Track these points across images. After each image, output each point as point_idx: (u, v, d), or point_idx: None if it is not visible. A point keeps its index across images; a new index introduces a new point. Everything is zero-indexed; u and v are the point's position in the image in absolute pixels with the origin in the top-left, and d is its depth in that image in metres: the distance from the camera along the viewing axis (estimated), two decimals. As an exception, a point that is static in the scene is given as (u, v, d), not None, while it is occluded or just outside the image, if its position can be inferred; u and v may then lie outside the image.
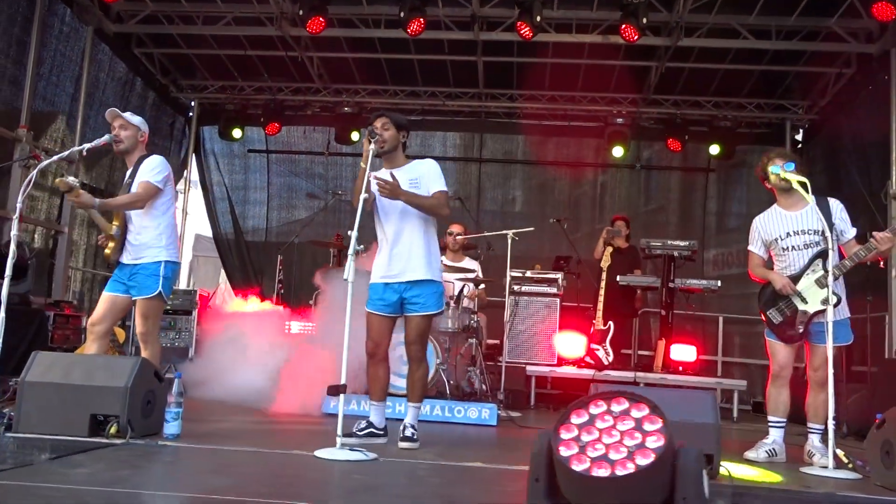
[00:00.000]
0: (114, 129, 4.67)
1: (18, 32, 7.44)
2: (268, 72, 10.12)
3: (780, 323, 4.60)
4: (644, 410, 2.51)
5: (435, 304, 4.30)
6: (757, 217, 4.85)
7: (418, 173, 4.33)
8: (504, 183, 10.55)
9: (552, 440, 2.46)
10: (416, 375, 4.36)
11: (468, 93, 10.13)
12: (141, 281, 4.51)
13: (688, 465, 2.33)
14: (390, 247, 4.28)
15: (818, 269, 4.50)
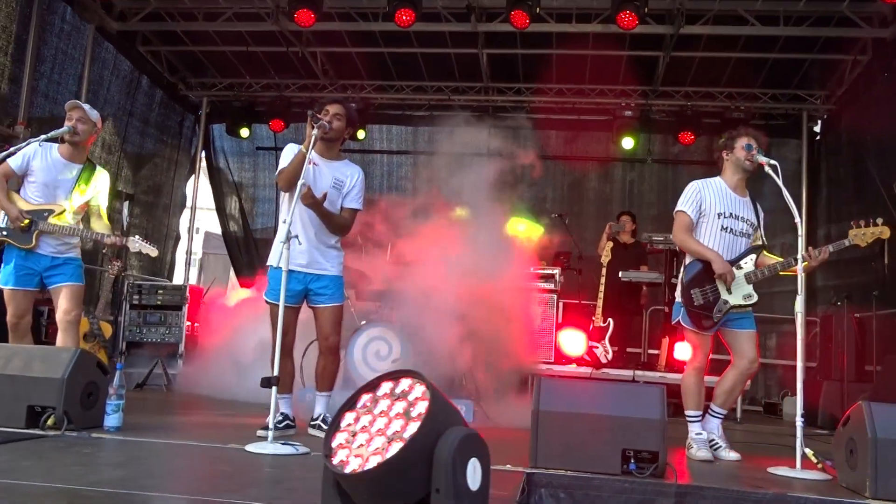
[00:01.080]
0: (71, 119, 4.67)
1: (17, 30, 7.53)
2: (274, 69, 10.12)
3: (699, 307, 4.35)
4: (419, 390, 2.26)
5: (341, 295, 4.36)
6: (698, 181, 4.54)
7: (345, 177, 4.28)
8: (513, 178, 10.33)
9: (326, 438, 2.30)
10: (331, 367, 4.38)
11: (474, 87, 9.99)
12: (71, 270, 4.62)
13: (443, 452, 2.07)
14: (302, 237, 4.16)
15: (749, 265, 4.38)
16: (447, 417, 2.18)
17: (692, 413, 4.39)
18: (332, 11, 8.53)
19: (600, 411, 3.40)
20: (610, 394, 3.48)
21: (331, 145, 4.31)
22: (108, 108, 9.10)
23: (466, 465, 2.09)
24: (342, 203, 4.33)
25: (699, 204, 4.42)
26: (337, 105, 4.28)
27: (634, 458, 3.35)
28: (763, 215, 4.54)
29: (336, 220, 4.25)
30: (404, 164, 10.59)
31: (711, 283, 4.34)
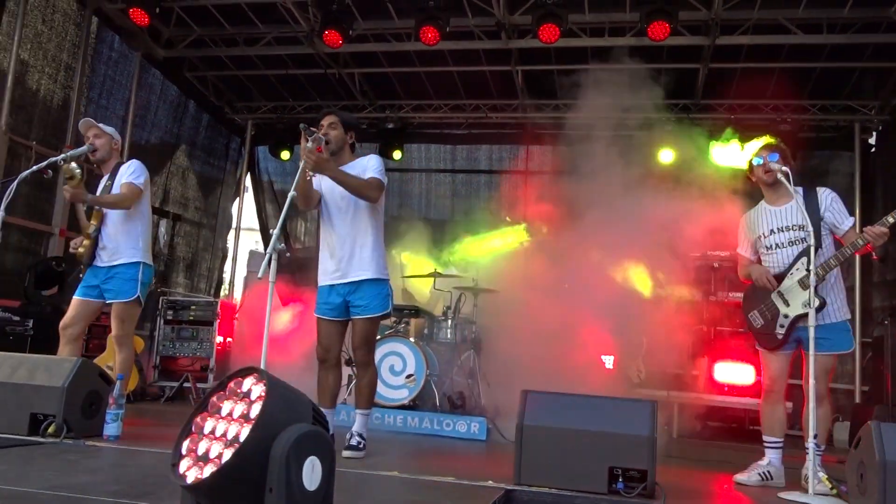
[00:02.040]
0: (88, 138, 4.82)
1: (67, 59, 7.90)
2: (316, 91, 10.32)
3: (761, 327, 4.19)
4: (258, 390, 2.14)
5: (379, 305, 4.18)
6: (744, 215, 4.50)
7: (360, 170, 4.24)
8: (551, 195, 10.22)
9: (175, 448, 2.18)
10: (363, 382, 4.25)
11: (511, 104, 9.95)
12: (119, 285, 4.59)
13: (277, 451, 1.97)
14: (335, 248, 4.18)
15: (802, 269, 4.08)
16: (289, 416, 2.07)
17: (767, 439, 4.21)
18: (367, 33, 8.67)
19: (587, 426, 3.28)
20: (598, 408, 3.35)
21: (339, 155, 4.30)
22: (155, 132, 9.44)
23: (303, 463, 2.00)
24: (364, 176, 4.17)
25: (746, 239, 4.44)
26: (329, 116, 4.31)
27: (622, 477, 3.21)
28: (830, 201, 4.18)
29: (355, 181, 4.05)
30: (443, 183, 10.59)
31: (766, 300, 4.20)
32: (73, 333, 4.62)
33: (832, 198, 4.21)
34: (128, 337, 4.62)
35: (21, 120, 7.30)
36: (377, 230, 4.25)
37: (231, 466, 1.95)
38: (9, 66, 7.05)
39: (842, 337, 4.08)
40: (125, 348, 4.61)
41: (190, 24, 8.89)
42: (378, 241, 4.23)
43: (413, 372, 5.47)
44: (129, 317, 4.63)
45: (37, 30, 7.47)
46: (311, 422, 2.14)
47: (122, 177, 4.74)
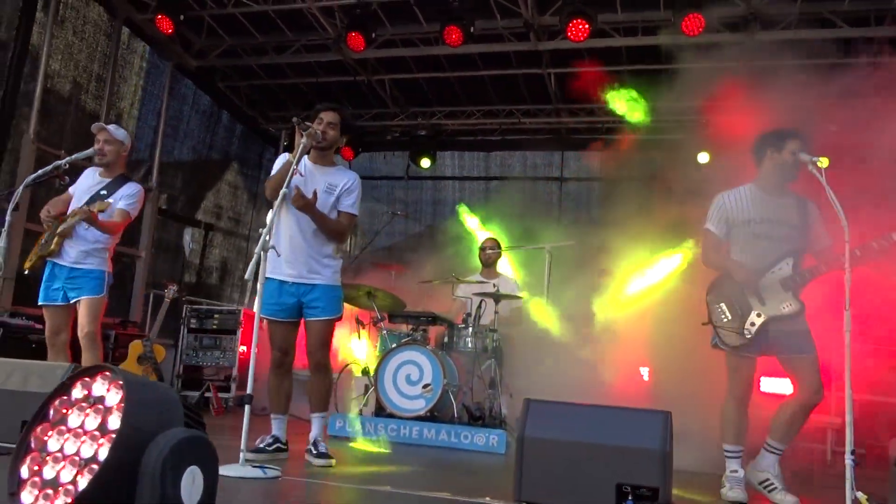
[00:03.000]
0: (98, 142, 4.78)
1: (97, 69, 7.97)
2: (347, 99, 10.24)
3: (727, 321, 3.85)
4: (115, 396, 1.86)
5: (334, 307, 4.06)
6: (723, 193, 4.08)
7: (338, 182, 4.10)
8: (587, 202, 9.95)
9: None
10: (321, 385, 4.10)
11: (544, 109, 9.71)
12: (86, 283, 4.57)
13: (149, 466, 1.72)
14: (297, 246, 4.02)
15: (786, 269, 3.80)
16: (157, 422, 1.81)
17: (728, 448, 3.89)
18: (395, 38, 8.57)
19: (593, 439, 3.02)
20: (606, 419, 3.08)
21: (324, 153, 4.18)
22: (187, 142, 9.48)
23: (181, 476, 1.76)
24: (338, 208, 4.12)
25: (725, 217, 4.02)
26: (331, 113, 4.13)
27: (632, 495, 2.94)
28: (818, 216, 3.96)
29: (331, 224, 4.05)
30: (477, 191, 10.39)
31: (740, 294, 3.86)
32: (62, 341, 4.58)
33: (818, 213, 3.97)
34: (97, 335, 4.58)
35: (51, 129, 7.37)
36: None
37: (90, 495, 1.66)
38: (38, 76, 7.12)
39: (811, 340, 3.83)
40: (95, 347, 4.54)
41: (220, 33, 8.91)
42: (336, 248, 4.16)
43: (430, 382, 5.26)
44: (98, 311, 4.60)
45: (67, 41, 7.55)
46: (184, 424, 1.88)
47: (120, 199, 4.71)
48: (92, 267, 4.65)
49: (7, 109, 6.87)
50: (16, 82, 6.92)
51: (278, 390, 4.09)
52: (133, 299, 8.51)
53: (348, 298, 5.92)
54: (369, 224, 10.67)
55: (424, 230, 10.68)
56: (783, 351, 3.84)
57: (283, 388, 4.09)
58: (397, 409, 5.32)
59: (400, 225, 10.57)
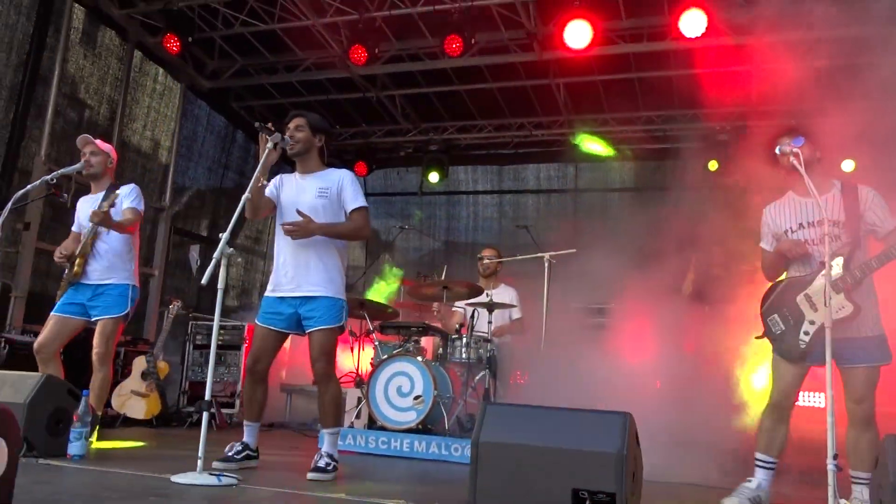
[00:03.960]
0: (84, 154, 4.83)
1: (109, 91, 8.13)
2: (360, 116, 10.30)
3: (781, 333, 3.65)
4: None
5: (334, 317, 3.90)
6: (767, 206, 3.94)
7: (330, 182, 4.03)
8: (603, 214, 9.79)
9: None
10: (326, 397, 3.94)
11: (557, 120, 9.62)
12: (109, 301, 4.56)
13: None
14: (292, 261, 3.96)
15: (836, 269, 3.54)
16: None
17: (759, 457, 3.69)
18: (401, 53, 8.59)
19: (548, 442, 2.89)
20: (563, 422, 2.95)
21: (305, 159, 4.14)
22: (202, 162, 9.60)
23: None
24: (344, 209, 4.04)
25: (769, 233, 3.89)
26: (296, 119, 4.12)
27: (589, 500, 2.80)
28: (871, 199, 3.67)
29: (345, 229, 3.96)
30: (490, 205, 10.31)
31: (791, 304, 3.68)
32: (50, 352, 4.54)
33: (874, 195, 3.67)
34: (108, 356, 4.55)
35: (63, 151, 7.50)
36: (342, 248, 4.05)
37: None
38: (49, 99, 7.28)
39: (880, 348, 3.54)
40: (105, 367, 4.53)
41: (233, 54, 9.04)
42: (340, 261, 4.03)
43: (421, 393, 5.17)
44: (113, 334, 4.58)
45: (78, 64, 7.72)
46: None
47: (123, 200, 4.71)
48: (116, 281, 4.65)
49: (18, 131, 7.03)
50: (27, 104, 7.09)
51: (250, 398, 4.03)
52: (147, 317, 8.60)
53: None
54: (385, 238, 10.66)
55: (441, 246, 10.61)
56: (841, 363, 3.53)
57: (254, 397, 4.02)
58: (388, 421, 5.23)
59: (415, 241, 10.54)
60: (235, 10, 7.92)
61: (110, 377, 4.64)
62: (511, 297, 6.23)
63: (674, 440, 4.92)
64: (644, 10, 7.50)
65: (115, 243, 4.72)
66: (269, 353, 4.03)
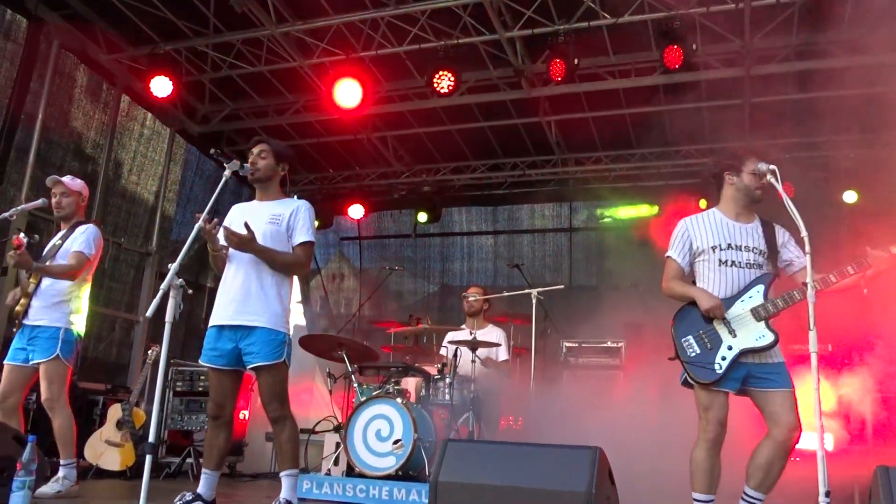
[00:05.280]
0: (55, 195, 4.71)
1: (94, 136, 8.07)
2: (353, 158, 10.22)
3: (696, 356, 3.47)
4: None
5: (273, 352, 3.69)
6: (686, 219, 3.77)
7: (284, 210, 3.88)
8: (598, 252, 9.59)
9: None
10: (283, 437, 3.72)
11: (550, 160, 9.50)
12: (40, 344, 4.37)
13: None
14: (231, 286, 3.78)
15: (757, 297, 3.49)
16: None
17: (698, 497, 3.45)
18: (391, 94, 8.53)
19: (511, 482, 2.65)
20: (528, 459, 2.71)
21: (266, 187, 4.01)
22: (190, 206, 9.49)
23: None
24: (289, 238, 3.87)
25: (688, 244, 3.70)
26: (259, 145, 3.99)
27: (557, 546, 2.55)
28: (787, 238, 3.66)
29: (281, 258, 3.78)
30: (485, 246, 10.13)
31: (708, 326, 3.50)
32: (12, 405, 4.35)
33: (788, 235, 3.66)
34: (57, 401, 4.34)
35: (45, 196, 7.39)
36: (287, 278, 3.89)
37: None
38: (31, 143, 7.21)
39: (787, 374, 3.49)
40: (58, 413, 4.32)
41: (223, 98, 9.01)
42: (284, 291, 3.84)
43: (401, 437, 4.90)
44: (56, 377, 4.36)
45: (62, 108, 7.67)
46: None
47: (75, 242, 4.57)
48: (47, 324, 4.45)
49: (-3, 176, 6.95)
50: (7, 149, 7.00)
51: (211, 445, 3.80)
52: (131, 365, 8.39)
53: (319, 351, 5.67)
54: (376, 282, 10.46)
55: (436, 289, 10.41)
56: (757, 385, 3.47)
57: (216, 442, 3.79)
58: (366, 467, 4.96)
59: (409, 283, 10.35)
60: (223, 53, 7.89)
61: (72, 422, 4.42)
62: (498, 338, 5.99)
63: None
64: (631, 46, 7.42)
65: (54, 285, 4.52)
66: (231, 396, 3.84)
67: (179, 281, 3.33)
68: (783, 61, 7.09)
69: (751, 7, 6.43)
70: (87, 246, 4.58)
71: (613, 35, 7.21)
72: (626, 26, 6.88)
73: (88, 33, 7.59)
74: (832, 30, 6.76)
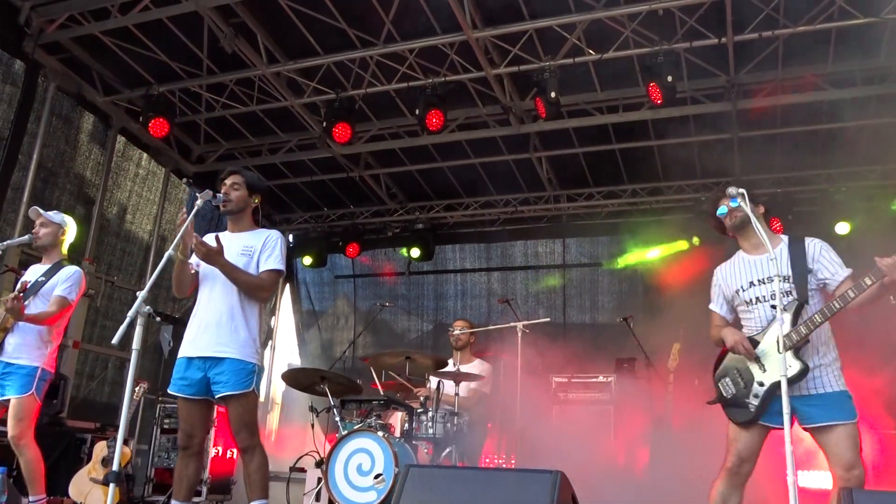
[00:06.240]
0: (35, 226, 4.76)
1: (90, 176, 8.15)
2: (348, 198, 10.28)
3: (732, 397, 3.45)
4: None
5: (241, 381, 3.69)
6: (718, 267, 3.80)
7: (255, 242, 3.90)
8: (592, 289, 9.56)
9: None
10: (252, 466, 3.70)
11: (542, 196, 9.54)
12: (15, 380, 4.38)
13: None
14: (202, 315, 3.79)
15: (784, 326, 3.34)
16: None
17: None
18: (382, 132, 8.62)
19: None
20: (489, 483, 2.67)
21: (238, 218, 4.03)
22: (186, 246, 9.51)
23: None
24: (258, 268, 3.88)
25: (720, 294, 3.76)
26: (232, 175, 4.02)
27: (518, 573, 2.49)
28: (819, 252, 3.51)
29: (246, 278, 3.78)
30: (478, 283, 10.11)
31: (742, 366, 3.50)
32: None
33: (822, 247, 3.52)
34: (24, 437, 4.33)
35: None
36: (257, 308, 3.89)
37: None
38: (26, 183, 7.28)
39: (843, 405, 3.30)
40: (24, 450, 4.31)
41: (217, 138, 9.13)
42: (253, 321, 3.84)
43: (381, 471, 4.83)
44: (25, 414, 4.36)
45: (59, 149, 7.76)
46: None
47: (58, 285, 4.61)
48: (23, 363, 4.48)
49: (-8, 215, 7.01)
50: (3, 188, 7.07)
51: (180, 475, 3.78)
52: (121, 403, 8.33)
53: (302, 386, 5.63)
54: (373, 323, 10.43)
55: (432, 328, 10.36)
56: (803, 423, 3.34)
57: (185, 472, 3.77)
58: (347, 502, 4.87)
59: (403, 322, 10.31)
60: (216, 94, 8.01)
61: (40, 458, 4.39)
62: (483, 372, 5.94)
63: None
64: (618, 82, 7.50)
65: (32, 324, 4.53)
66: (200, 426, 3.84)
67: (147, 308, 3.32)
68: (769, 95, 7.15)
69: (733, 42, 6.50)
70: (70, 292, 4.63)
71: (600, 71, 7.30)
72: (612, 62, 6.98)
73: (85, 76, 7.74)
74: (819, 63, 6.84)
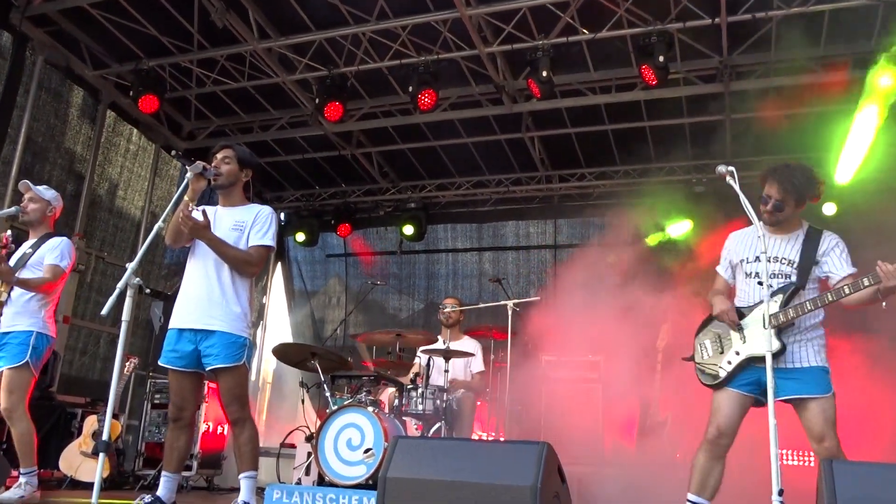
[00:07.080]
0: (24, 200, 4.73)
1: (81, 151, 8.11)
2: (340, 176, 10.25)
3: (707, 360, 3.57)
4: None
5: (232, 355, 3.72)
6: (733, 232, 3.85)
7: (246, 217, 3.90)
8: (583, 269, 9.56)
9: None
10: (242, 438, 3.74)
11: (535, 177, 9.54)
12: (9, 349, 4.36)
13: None
14: (192, 288, 3.80)
15: (773, 306, 3.41)
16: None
17: (691, 497, 3.47)
18: (375, 110, 8.59)
19: (460, 477, 2.64)
20: (477, 454, 2.70)
21: (229, 192, 4.02)
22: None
23: None
24: (248, 243, 3.89)
25: (727, 259, 3.82)
26: (225, 149, 4.01)
27: (503, 541, 2.53)
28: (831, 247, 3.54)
29: (234, 252, 3.79)
30: (470, 263, 10.13)
31: (725, 332, 3.59)
32: None
33: (836, 244, 3.55)
34: (16, 410, 4.31)
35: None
36: (248, 283, 3.90)
37: None
38: (14, 157, 7.23)
39: (819, 380, 3.36)
40: (17, 422, 4.30)
41: (208, 115, 9.07)
42: (244, 295, 3.85)
43: (371, 446, 4.87)
44: (17, 386, 4.34)
45: (49, 123, 7.70)
46: None
47: (48, 255, 4.58)
48: (20, 329, 4.45)
49: (-20, 191, 6.97)
50: (-9, 163, 7.03)
51: (171, 447, 3.81)
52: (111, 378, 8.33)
53: (292, 361, 5.66)
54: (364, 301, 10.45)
55: (423, 307, 10.38)
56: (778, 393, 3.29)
57: (176, 444, 3.80)
58: (337, 476, 4.91)
59: (395, 301, 10.33)
60: (207, 70, 7.95)
61: (32, 430, 4.38)
62: (473, 350, 5.98)
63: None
64: (611, 62, 7.48)
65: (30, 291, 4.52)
66: (191, 399, 3.85)
67: (137, 280, 3.33)
68: (762, 77, 7.15)
69: (727, 23, 6.49)
70: (61, 259, 4.60)
71: (594, 51, 7.29)
72: (606, 42, 6.96)
73: (73, 49, 7.66)
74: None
